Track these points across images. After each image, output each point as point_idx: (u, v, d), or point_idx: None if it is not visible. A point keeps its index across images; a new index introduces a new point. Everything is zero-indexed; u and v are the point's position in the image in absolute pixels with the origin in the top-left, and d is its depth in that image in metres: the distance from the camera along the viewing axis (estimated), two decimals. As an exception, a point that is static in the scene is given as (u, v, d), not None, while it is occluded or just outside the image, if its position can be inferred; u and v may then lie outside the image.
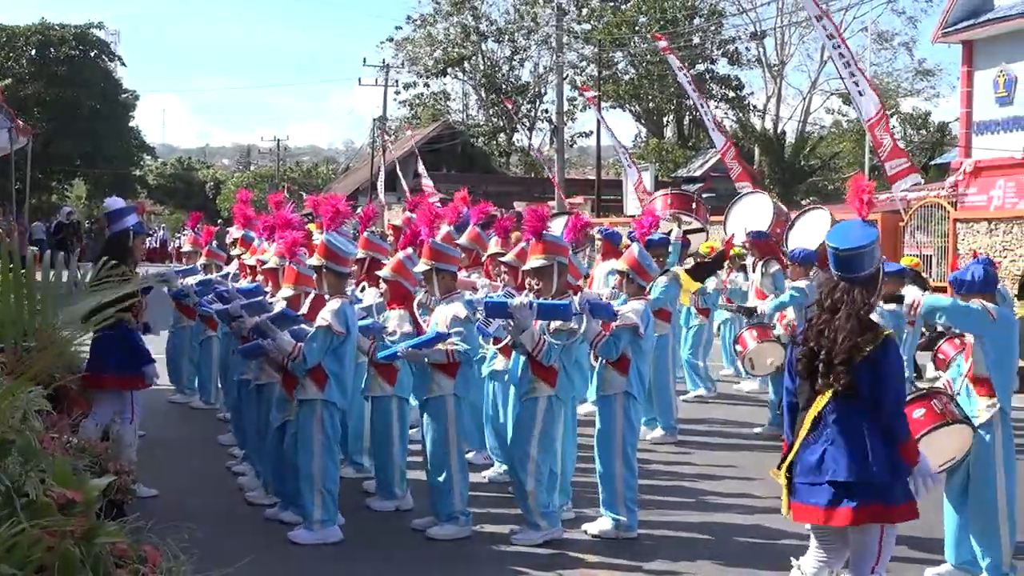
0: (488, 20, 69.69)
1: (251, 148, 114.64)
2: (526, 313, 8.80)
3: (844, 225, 6.77)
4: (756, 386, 17.11)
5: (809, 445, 6.30)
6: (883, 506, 6.16)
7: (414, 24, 71.31)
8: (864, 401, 6.21)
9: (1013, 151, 31.17)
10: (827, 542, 6.45)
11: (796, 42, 61.09)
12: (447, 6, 69.35)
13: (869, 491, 6.14)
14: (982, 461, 8.17)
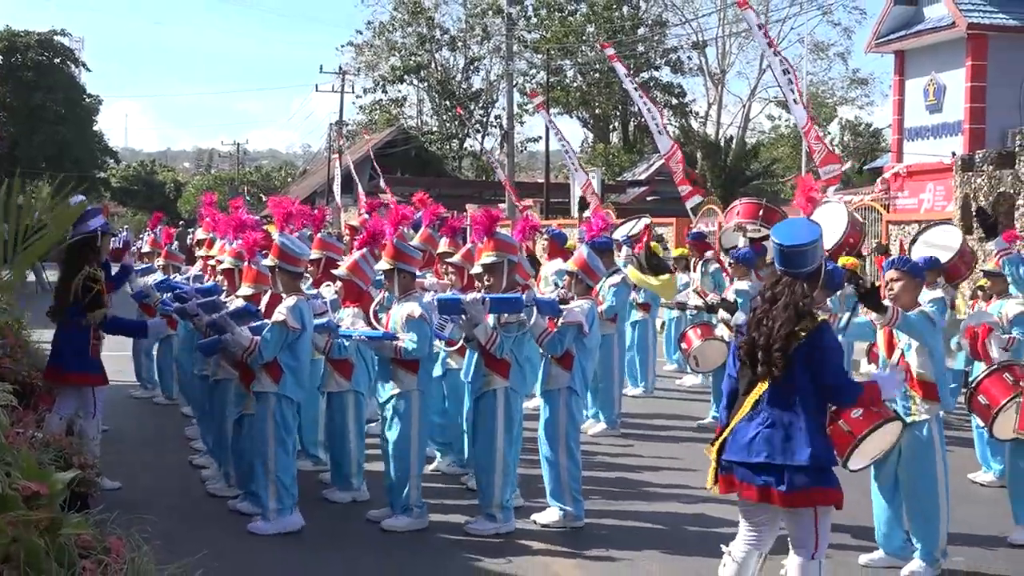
0: (442, 29, 69.73)
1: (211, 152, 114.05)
2: (479, 308, 8.85)
3: (789, 223, 6.85)
4: (698, 381, 17.18)
5: (744, 426, 6.36)
6: (810, 490, 6.21)
7: (373, 30, 71.34)
8: (800, 389, 6.26)
9: (942, 156, 31.44)
10: (755, 527, 6.50)
11: (736, 52, 61.52)
12: (404, 15, 69.31)
13: (798, 475, 6.19)
14: (921, 456, 8.24)
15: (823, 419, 6.42)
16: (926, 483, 8.27)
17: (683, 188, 31.53)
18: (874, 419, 7.79)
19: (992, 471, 11.34)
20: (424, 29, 69.11)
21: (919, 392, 8.22)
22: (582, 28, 63.57)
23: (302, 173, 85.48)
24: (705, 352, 13.79)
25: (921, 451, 8.24)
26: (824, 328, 6.34)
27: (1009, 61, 31.75)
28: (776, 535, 6.58)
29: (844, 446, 7.70)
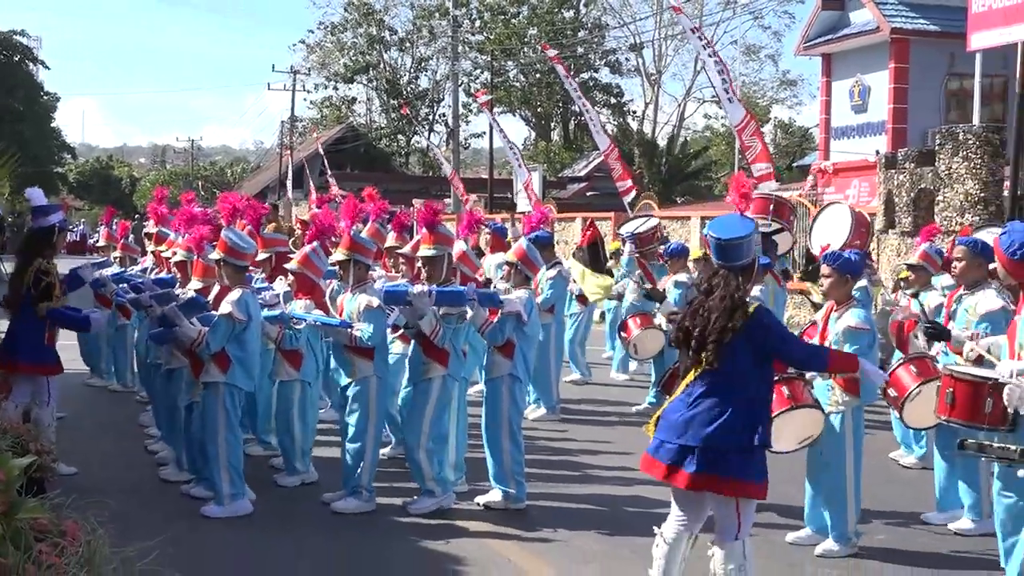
0: (391, 30, 69.54)
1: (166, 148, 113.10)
2: (425, 300, 8.86)
3: (725, 218, 6.89)
4: (633, 367, 17.26)
5: (675, 408, 6.41)
6: (718, 477, 6.25)
7: (324, 30, 71.09)
8: (730, 375, 6.30)
9: (867, 154, 31.70)
10: (684, 508, 6.54)
11: (672, 54, 61.74)
12: (355, 16, 69.06)
13: (711, 461, 6.23)
14: (833, 441, 8.34)
15: (755, 405, 6.41)
16: (835, 469, 8.38)
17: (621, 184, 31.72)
18: (784, 404, 7.85)
19: (913, 453, 11.47)
20: (374, 30, 68.90)
21: (840, 384, 8.30)
22: (524, 30, 63.62)
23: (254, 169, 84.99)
24: (644, 340, 13.84)
25: (832, 440, 8.33)
26: (759, 312, 6.39)
27: (930, 64, 32.04)
28: (706, 517, 6.62)
29: None
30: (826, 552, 8.34)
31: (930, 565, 8.24)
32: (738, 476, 6.28)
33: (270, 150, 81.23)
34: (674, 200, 50.14)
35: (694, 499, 6.50)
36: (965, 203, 19.82)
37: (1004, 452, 6.20)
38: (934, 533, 9.11)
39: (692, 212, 30.91)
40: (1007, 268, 7.27)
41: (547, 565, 8.06)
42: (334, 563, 8.05)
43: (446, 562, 8.08)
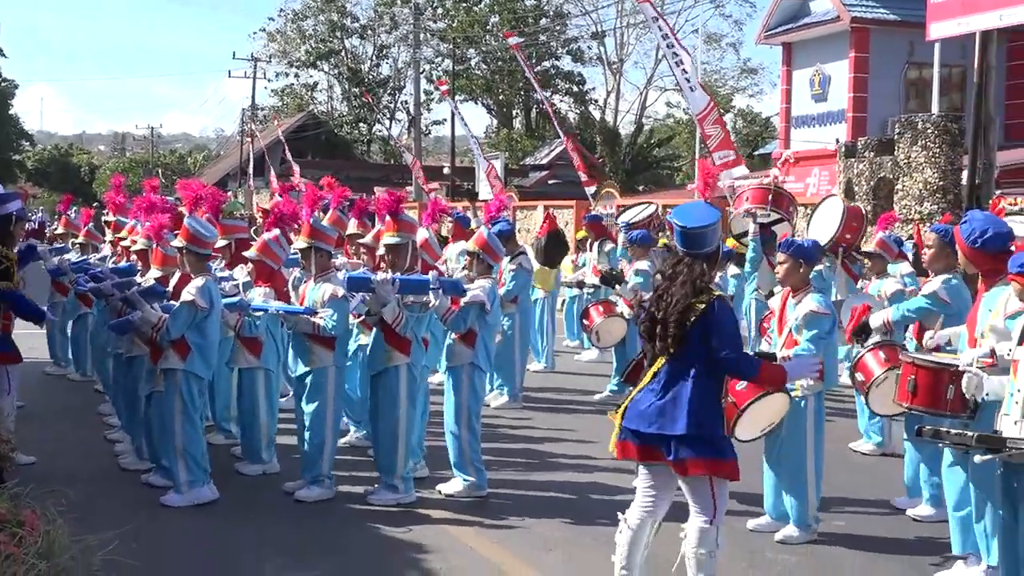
0: (353, 17, 69.29)
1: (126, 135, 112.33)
2: (388, 288, 8.84)
3: (690, 206, 6.92)
4: (595, 356, 17.32)
5: (643, 396, 6.43)
6: (696, 460, 6.29)
7: (285, 17, 70.78)
8: (695, 363, 6.33)
9: (826, 143, 31.87)
10: (650, 495, 6.57)
11: (634, 42, 61.79)
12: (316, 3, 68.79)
13: (683, 446, 6.27)
14: (794, 427, 8.40)
15: (717, 393, 6.49)
16: (796, 454, 8.44)
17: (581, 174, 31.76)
18: (757, 390, 7.90)
19: (871, 441, 11.56)
20: (335, 17, 68.64)
21: None
22: (487, 18, 63.51)
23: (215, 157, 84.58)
24: (606, 328, 13.87)
25: (795, 424, 8.39)
26: (720, 301, 6.41)
27: (890, 53, 32.24)
28: (670, 503, 6.65)
29: (730, 416, 7.80)
30: (786, 538, 8.40)
31: (888, 551, 8.30)
32: (710, 456, 6.33)
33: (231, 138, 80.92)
34: (636, 189, 50.20)
35: (660, 485, 6.53)
36: (924, 192, 19.97)
37: (960, 438, 6.25)
38: (892, 519, 9.18)
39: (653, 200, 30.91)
40: (967, 256, 7.39)
41: (509, 553, 8.07)
42: (296, 551, 8.03)
43: (407, 550, 8.07)
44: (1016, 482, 6.25)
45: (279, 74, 71.35)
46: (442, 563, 7.77)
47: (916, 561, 8.07)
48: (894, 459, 11.04)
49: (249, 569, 7.69)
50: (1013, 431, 6.14)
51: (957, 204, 18.89)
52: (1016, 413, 6.20)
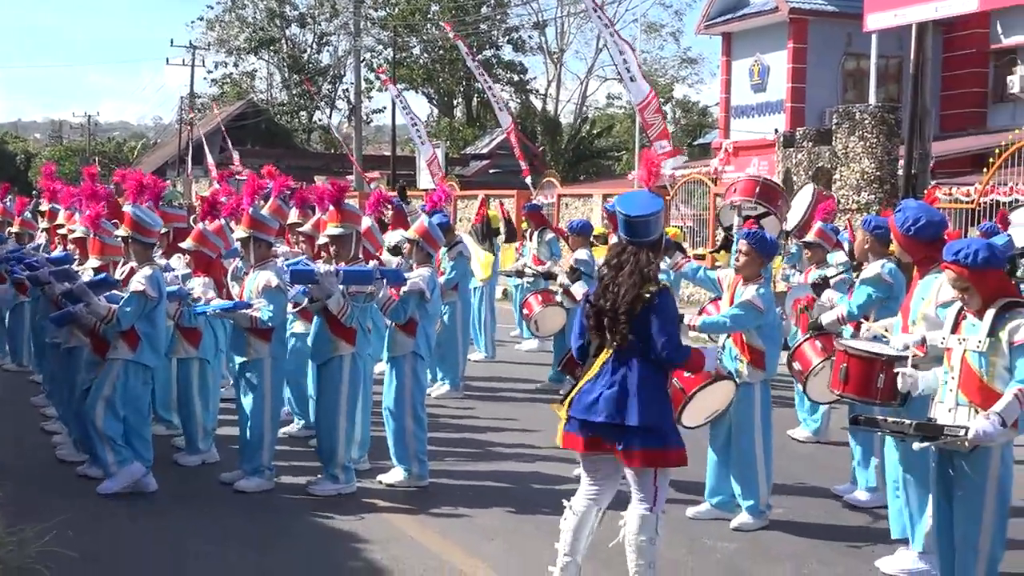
0: (292, 5, 68.81)
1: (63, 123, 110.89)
2: (332, 279, 8.80)
3: (633, 195, 6.93)
4: (535, 345, 17.36)
5: (590, 387, 6.44)
6: (645, 451, 6.33)
7: (224, 5, 70.19)
8: (642, 352, 6.36)
9: (765, 133, 32.07)
10: (595, 483, 6.60)
11: (574, 31, 61.86)
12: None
13: (634, 436, 6.31)
14: (743, 413, 8.47)
15: (665, 381, 6.54)
16: (746, 441, 8.51)
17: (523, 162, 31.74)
18: (704, 377, 7.95)
19: (809, 428, 11.67)
20: (274, 4, 68.17)
21: (748, 358, 8.45)
22: (427, 7, 63.29)
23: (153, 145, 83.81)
24: (545, 317, 13.89)
25: (743, 411, 8.47)
26: (664, 292, 6.44)
27: (828, 44, 32.48)
28: (615, 490, 6.68)
29: (676, 403, 7.85)
30: (742, 525, 8.46)
31: (827, 537, 8.38)
32: (659, 446, 6.37)
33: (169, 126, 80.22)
34: (578, 178, 50.28)
35: (605, 474, 6.57)
36: (861, 181, 20.15)
37: (897, 427, 6.33)
38: (831, 505, 9.27)
39: (594, 190, 31.04)
40: (902, 244, 7.49)
41: (450, 542, 8.07)
42: (236, 542, 7.98)
43: (349, 540, 8.05)
44: (950, 469, 6.33)
45: (218, 63, 70.90)
46: (383, 553, 7.75)
47: (853, 547, 8.15)
48: (831, 446, 11.16)
49: (187, 559, 7.63)
50: (947, 418, 6.23)
51: (894, 194, 19.07)
52: (950, 401, 6.28)
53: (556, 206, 30.06)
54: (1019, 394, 5.93)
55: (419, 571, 7.42)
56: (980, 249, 6.14)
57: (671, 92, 65.96)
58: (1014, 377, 6.01)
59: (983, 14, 27.93)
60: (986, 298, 6.18)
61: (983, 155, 21.69)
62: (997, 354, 6.09)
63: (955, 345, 6.30)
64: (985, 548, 6.27)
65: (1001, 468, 6.22)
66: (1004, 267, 6.88)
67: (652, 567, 6.47)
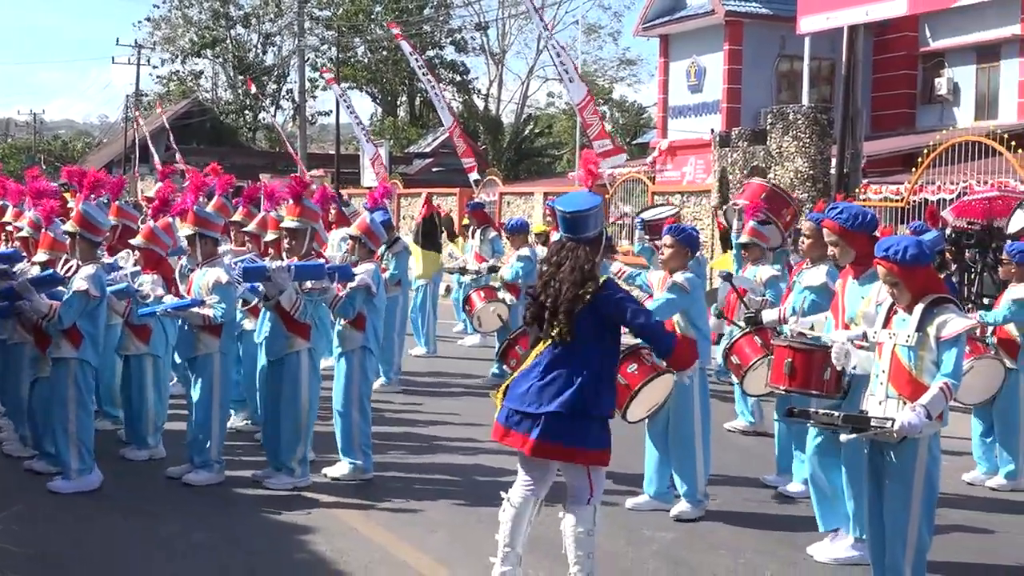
0: (237, 5, 68.33)
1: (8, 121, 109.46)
2: (285, 275, 8.78)
3: (572, 193, 6.98)
4: (477, 341, 17.38)
5: (524, 377, 6.46)
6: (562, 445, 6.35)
7: (169, 5, 69.60)
8: (581, 347, 6.37)
9: (702, 133, 32.24)
10: (530, 474, 6.61)
11: (516, 32, 61.85)
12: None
13: (556, 429, 6.31)
14: (682, 407, 8.53)
15: (605, 376, 6.51)
16: (685, 431, 8.56)
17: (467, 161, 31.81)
18: (648, 372, 7.99)
19: (744, 420, 11.78)
20: (219, 5, 67.66)
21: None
22: (371, 7, 63.08)
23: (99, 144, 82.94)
24: (488, 313, 13.91)
25: (682, 402, 8.52)
26: (608, 284, 6.47)
27: (762, 46, 32.67)
28: (551, 483, 6.70)
29: (622, 398, 7.88)
30: (680, 514, 8.52)
31: (761, 526, 8.46)
32: (586, 445, 6.38)
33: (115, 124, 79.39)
34: (519, 177, 50.32)
35: (540, 465, 6.57)
36: (795, 180, 20.31)
37: (828, 419, 6.40)
38: (765, 496, 9.35)
39: (535, 188, 31.10)
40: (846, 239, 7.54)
41: (395, 535, 8.06)
42: (183, 535, 7.93)
43: (295, 533, 8.03)
44: (881, 459, 6.41)
45: (164, 61, 70.31)
46: (329, 545, 7.74)
47: (788, 536, 8.22)
48: (766, 438, 11.25)
49: (134, 553, 7.59)
50: (878, 411, 6.31)
51: (826, 192, 19.24)
52: (880, 393, 6.36)
53: (498, 204, 30.09)
54: (945, 388, 6.05)
55: (364, 563, 7.42)
56: (910, 246, 6.22)
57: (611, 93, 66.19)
58: (940, 371, 6.12)
59: (912, 18, 28.23)
60: (915, 294, 6.26)
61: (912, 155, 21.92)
62: (925, 348, 6.19)
63: (885, 340, 6.39)
64: (914, 536, 6.36)
65: (928, 459, 6.32)
66: (933, 264, 6.98)
67: (591, 557, 6.50)
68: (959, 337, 6.14)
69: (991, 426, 9.92)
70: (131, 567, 7.38)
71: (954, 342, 6.12)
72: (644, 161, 36.29)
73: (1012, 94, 28.42)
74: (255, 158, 58.84)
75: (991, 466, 9.96)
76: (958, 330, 6.13)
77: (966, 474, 10.05)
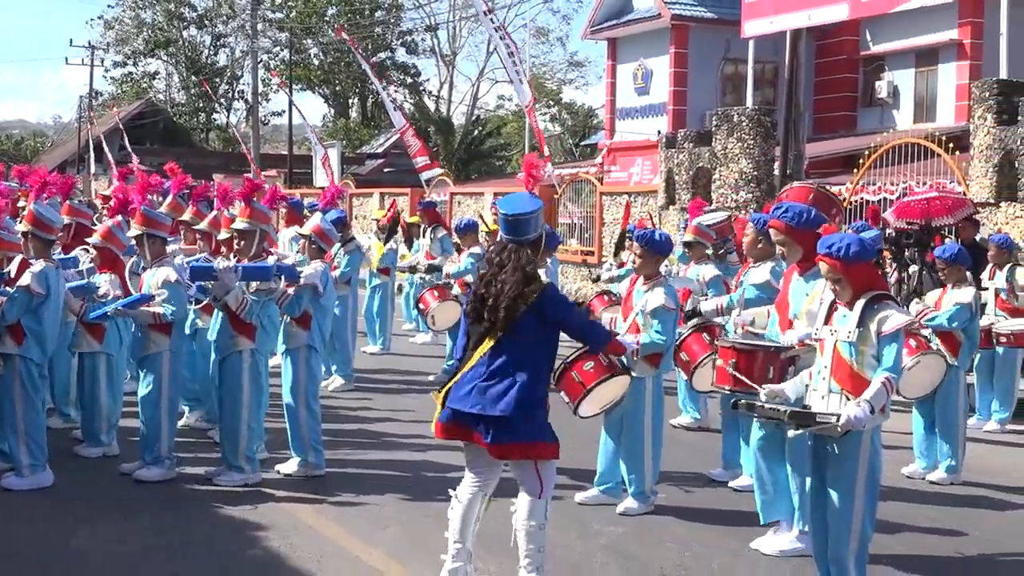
0: (190, 7, 67.81)
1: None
2: (231, 275, 8.73)
3: (514, 196, 6.99)
4: (429, 338, 17.36)
5: (466, 378, 6.44)
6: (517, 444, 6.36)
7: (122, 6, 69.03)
8: (521, 347, 6.37)
9: (649, 134, 32.36)
10: (478, 472, 6.60)
11: (466, 35, 61.87)
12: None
13: (508, 429, 6.32)
14: (635, 407, 8.54)
15: (545, 378, 6.54)
16: (635, 430, 8.58)
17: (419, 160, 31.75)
18: (604, 372, 7.97)
19: (689, 415, 11.82)
20: (172, 6, 67.17)
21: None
22: (324, 9, 62.86)
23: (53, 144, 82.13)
24: (441, 312, 13.88)
25: (635, 403, 8.53)
26: (548, 287, 6.48)
27: (708, 50, 32.83)
28: (498, 477, 6.69)
29: (576, 395, 7.89)
30: (627, 510, 8.54)
31: (708, 520, 8.48)
32: (531, 439, 6.38)
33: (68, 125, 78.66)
34: (470, 177, 50.29)
35: (487, 462, 6.56)
36: (740, 181, 20.42)
37: (773, 413, 6.44)
38: (711, 490, 9.39)
39: (485, 188, 31.06)
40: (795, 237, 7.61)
41: (346, 530, 8.03)
42: (136, 532, 7.86)
43: (248, 529, 7.98)
44: (824, 453, 6.45)
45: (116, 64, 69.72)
46: (281, 541, 7.69)
47: (734, 529, 8.25)
48: (711, 433, 11.30)
49: (87, 549, 7.51)
50: (820, 405, 6.35)
51: (770, 193, 19.34)
52: (823, 388, 6.41)
53: (449, 204, 30.04)
54: (886, 382, 6.12)
55: (316, 558, 7.38)
56: (852, 243, 6.28)
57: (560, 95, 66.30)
58: (881, 365, 6.19)
59: (853, 22, 28.44)
60: (856, 290, 6.32)
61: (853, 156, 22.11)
62: (866, 343, 6.24)
63: (827, 336, 6.44)
64: (856, 527, 6.41)
65: (871, 451, 6.37)
66: (874, 261, 7.04)
67: (542, 551, 6.50)
68: (899, 332, 6.22)
69: (932, 421, 10.01)
70: (82, 565, 7.29)
71: (894, 337, 6.20)
72: (593, 162, 36.35)
73: (949, 97, 28.68)
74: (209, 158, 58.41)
75: (931, 461, 10.05)
76: (898, 325, 6.21)
77: (905, 468, 10.13)
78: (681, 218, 21.05)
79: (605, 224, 24.43)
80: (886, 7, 19.79)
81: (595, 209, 24.97)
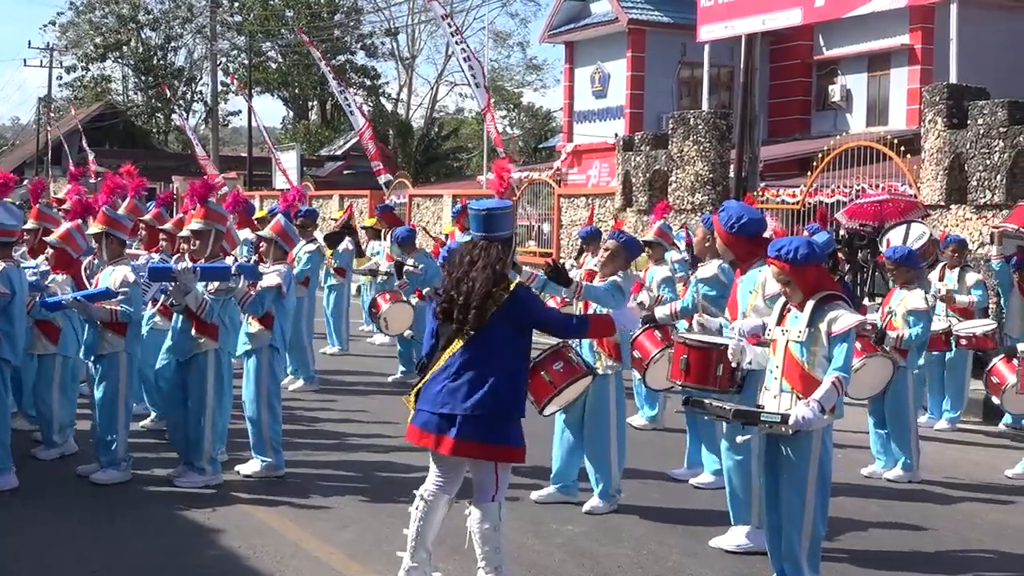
0: (145, 10, 67.35)
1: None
2: (190, 276, 8.69)
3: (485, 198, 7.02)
4: (387, 340, 17.33)
5: (436, 379, 6.40)
6: (485, 444, 6.30)
7: (76, 10, 68.47)
8: (492, 346, 6.32)
9: (606, 137, 32.48)
10: (442, 471, 6.57)
11: (425, 38, 61.80)
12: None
13: (474, 428, 6.27)
14: (598, 405, 8.58)
15: (517, 375, 6.49)
16: (599, 429, 8.61)
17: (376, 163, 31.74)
18: (574, 372, 7.98)
19: (645, 416, 11.88)
20: (126, 10, 66.72)
21: (605, 350, 8.57)
22: (283, 12, 62.63)
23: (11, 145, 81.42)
24: (393, 315, 13.89)
25: (598, 401, 8.56)
26: (518, 288, 6.45)
27: (664, 53, 33.00)
28: (462, 479, 6.69)
29: (544, 395, 7.87)
30: (593, 509, 8.56)
31: (667, 519, 8.52)
32: (499, 441, 6.34)
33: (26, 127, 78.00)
34: (429, 179, 50.27)
35: (452, 463, 6.52)
36: (696, 183, 20.54)
37: (719, 411, 6.52)
38: (669, 488, 9.45)
39: (444, 190, 31.08)
40: (726, 241, 7.72)
41: (306, 531, 8.01)
42: (93, 534, 7.83)
43: (207, 530, 7.96)
44: (777, 452, 6.53)
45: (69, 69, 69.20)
46: (241, 542, 7.68)
47: (690, 528, 8.29)
48: (669, 432, 11.38)
49: (44, 553, 7.46)
50: (773, 404, 6.43)
51: (725, 195, 19.47)
52: (775, 388, 6.49)
53: (408, 206, 30.03)
54: (836, 382, 6.19)
55: (276, 559, 7.37)
56: (801, 246, 6.36)
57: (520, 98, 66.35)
58: (832, 365, 6.27)
59: (807, 27, 28.65)
60: (806, 292, 6.40)
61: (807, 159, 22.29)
62: (817, 344, 6.33)
63: (779, 336, 6.51)
64: (808, 524, 6.49)
65: (822, 450, 6.45)
66: (824, 263, 7.12)
67: (499, 551, 6.48)
68: (849, 333, 6.30)
69: (883, 419, 10.11)
70: (38, 566, 7.24)
71: (844, 337, 6.28)
72: (551, 164, 36.45)
73: (901, 101, 28.97)
74: (167, 160, 58.11)
75: (889, 460, 10.15)
76: (848, 326, 6.29)
77: (864, 468, 10.22)
78: (639, 220, 21.17)
79: (563, 226, 24.51)
80: (839, 12, 19.91)
81: (553, 211, 25.04)
